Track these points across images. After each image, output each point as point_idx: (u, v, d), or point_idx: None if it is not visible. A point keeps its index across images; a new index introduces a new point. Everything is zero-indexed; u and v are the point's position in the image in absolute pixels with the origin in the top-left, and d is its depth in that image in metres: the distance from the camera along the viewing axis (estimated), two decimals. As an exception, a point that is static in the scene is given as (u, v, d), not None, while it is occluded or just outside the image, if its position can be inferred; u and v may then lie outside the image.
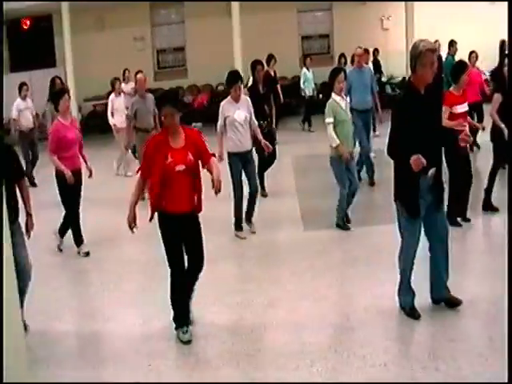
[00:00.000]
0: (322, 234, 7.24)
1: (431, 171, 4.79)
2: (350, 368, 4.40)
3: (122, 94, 11.70)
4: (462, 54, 9.57)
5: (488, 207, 7.59)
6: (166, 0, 18.17)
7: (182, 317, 5.02)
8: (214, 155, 5.11)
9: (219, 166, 5.11)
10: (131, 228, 4.95)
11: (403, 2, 16.93)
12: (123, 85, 13.27)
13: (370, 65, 11.94)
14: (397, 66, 15.01)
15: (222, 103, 7.33)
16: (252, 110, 7.37)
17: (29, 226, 5.26)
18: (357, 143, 9.05)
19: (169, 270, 4.91)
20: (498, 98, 7.28)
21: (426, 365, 4.36)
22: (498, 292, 5.04)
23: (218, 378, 4.43)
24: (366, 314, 5.18)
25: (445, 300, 5.17)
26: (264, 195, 8.90)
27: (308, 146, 12.66)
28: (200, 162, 4.93)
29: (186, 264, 4.97)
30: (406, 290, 5.13)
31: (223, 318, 5.30)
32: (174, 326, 5.02)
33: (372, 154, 9.65)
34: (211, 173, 4.92)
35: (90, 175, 7.25)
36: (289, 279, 6.05)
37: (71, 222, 7.08)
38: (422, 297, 5.17)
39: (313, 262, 6.43)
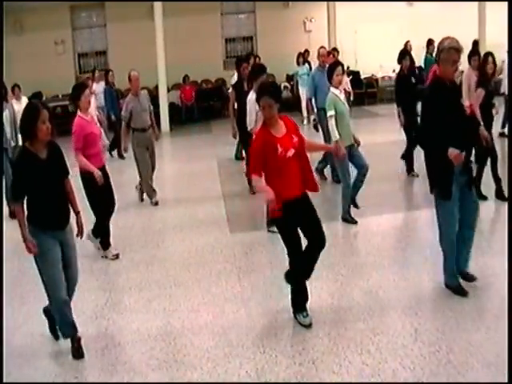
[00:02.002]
0: (247, 236, 7.24)
1: (463, 154, 5.03)
2: (278, 367, 4.40)
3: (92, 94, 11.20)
4: (388, 54, 9.81)
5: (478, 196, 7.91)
6: (86, 0, 17.74)
7: (304, 301, 5.06)
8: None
9: None
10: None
11: (325, 4, 17.25)
12: (94, 85, 13.09)
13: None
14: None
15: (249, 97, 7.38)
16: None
17: (79, 225, 4.88)
18: None
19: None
20: (480, 92, 7.66)
21: (352, 360, 4.42)
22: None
23: (145, 386, 4.34)
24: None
25: (463, 275, 5.47)
26: None
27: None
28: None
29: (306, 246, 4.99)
30: (450, 271, 5.36)
31: (150, 324, 5.20)
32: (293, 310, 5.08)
33: None
34: (317, 148, 5.61)
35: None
36: (215, 282, 6.01)
37: (104, 224, 6.78)
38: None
39: (238, 264, 6.42)
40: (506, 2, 18.13)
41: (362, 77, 18.94)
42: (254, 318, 5.20)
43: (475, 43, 15.17)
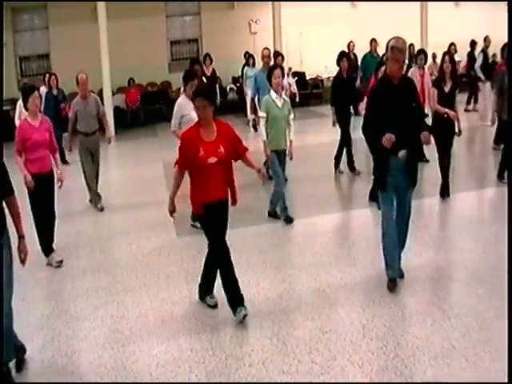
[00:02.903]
0: (194, 239, 7.19)
1: (402, 152, 5.20)
2: (228, 369, 4.39)
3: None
4: (333, 54, 9.91)
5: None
6: (28, 0, 17.31)
7: (212, 283, 5.39)
8: (247, 149, 5.24)
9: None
10: (172, 216, 5.20)
11: (270, 5, 17.31)
12: (42, 88, 12.79)
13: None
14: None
15: (179, 101, 7.36)
16: None
17: (21, 251, 4.45)
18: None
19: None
20: (433, 92, 8.12)
21: (302, 358, 4.44)
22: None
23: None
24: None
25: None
26: None
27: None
28: (233, 155, 5.10)
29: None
30: (386, 261, 5.53)
31: (98, 331, 5.10)
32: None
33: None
34: (249, 165, 5.24)
35: (60, 185, 6.75)
36: (163, 287, 5.95)
37: (39, 230, 6.62)
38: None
39: (186, 268, 6.37)
40: (448, 3, 18.72)
41: (308, 78, 19.10)
42: (203, 321, 5.17)
43: (411, 46, 15.51)
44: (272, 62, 10.72)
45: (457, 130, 8.21)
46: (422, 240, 6.70)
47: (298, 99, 15.55)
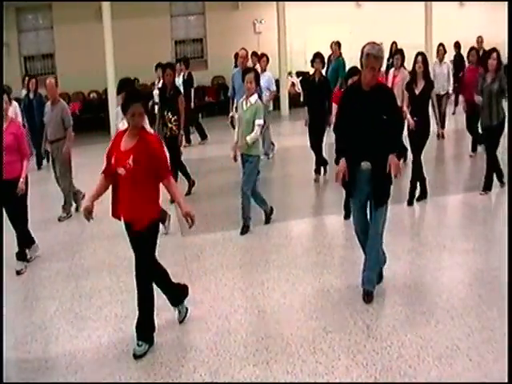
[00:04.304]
0: (199, 239, 7.20)
1: (364, 164, 5.02)
2: (233, 369, 4.39)
3: (13, 102, 10.65)
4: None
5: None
6: (33, 0, 17.36)
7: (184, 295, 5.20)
8: (170, 174, 4.71)
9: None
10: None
11: (275, 5, 17.30)
12: (23, 91, 12.78)
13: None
14: (270, 69, 15.24)
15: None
16: None
17: None
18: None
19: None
20: (405, 95, 8.11)
21: (306, 358, 4.44)
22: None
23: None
24: (244, 315, 5.21)
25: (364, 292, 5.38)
26: None
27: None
28: (151, 174, 4.55)
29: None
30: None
31: (101, 331, 5.11)
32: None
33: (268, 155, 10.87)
34: (171, 195, 4.81)
35: (21, 193, 6.46)
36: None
37: None
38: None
39: (190, 267, 6.38)
40: (452, 3, 18.67)
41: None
42: (207, 320, 5.17)
43: (393, 44, 15.38)
44: (250, 63, 10.73)
45: (438, 134, 8.12)
46: (425, 240, 6.70)
47: (302, 99, 15.53)
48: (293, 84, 18.50)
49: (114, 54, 15.48)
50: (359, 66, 5.24)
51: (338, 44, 13.70)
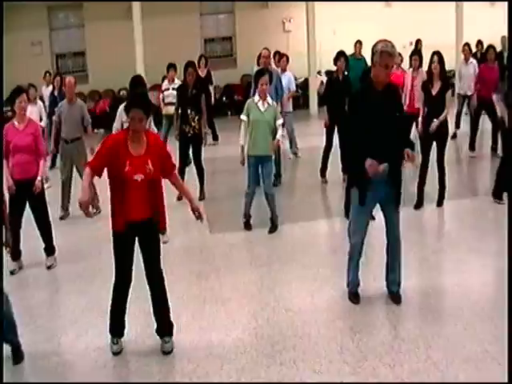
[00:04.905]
0: (227, 237, 7.24)
1: (383, 166, 4.88)
2: (259, 367, 4.41)
3: (38, 101, 10.71)
4: (367, 54, 9.83)
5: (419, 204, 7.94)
6: (64, 0, 17.61)
7: (119, 327, 4.83)
8: (175, 167, 4.84)
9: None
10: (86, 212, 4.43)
11: (304, 4, 17.27)
12: (43, 87, 12.79)
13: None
14: (299, 68, 15.27)
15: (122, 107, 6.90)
16: None
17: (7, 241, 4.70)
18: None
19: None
20: (420, 94, 7.94)
21: (333, 358, 4.43)
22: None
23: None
24: (272, 314, 5.22)
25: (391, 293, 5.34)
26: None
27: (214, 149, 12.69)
28: (162, 173, 4.66)
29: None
30: (352, 275, 5.33)
31: (129, 326, 5.13)
32: (110, 335, 4.83)
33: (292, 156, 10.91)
34: (181, 190, 5.00)
35: (36, 192, 6.50)
36: (194, 283, 6.00)
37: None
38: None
39: (217, 264, 6.42)
40: (483, 3, 18.41)
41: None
42: (235, 318, 5.19)
43: (417, 42, 15.21)
44: (272, 63, 10.63)
45: (454, 133, 8.04)
46: (452, 241, 6.65)
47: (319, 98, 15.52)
48: (322, 83, 18.42)
49: (143, 51, 15.63)
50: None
51: (360, 43, 13.62)
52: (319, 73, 18.34)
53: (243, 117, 7.20)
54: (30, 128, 6.53)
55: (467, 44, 12.63)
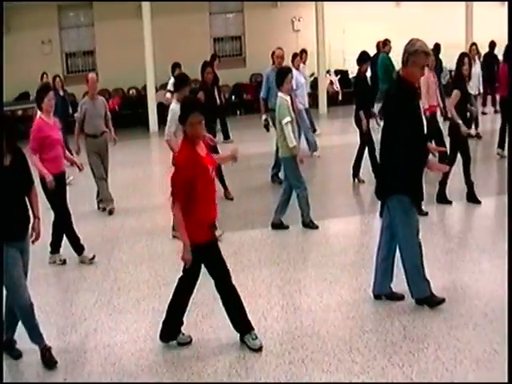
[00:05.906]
0: (237, 236, 7.24)
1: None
2: (268, 366, 4.41)
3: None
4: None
5: (442, 199, 7.92)
6: (74, 0, 17.69)
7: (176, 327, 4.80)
8: None
9: None
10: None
11: (313, 4, 17.26)
12: None
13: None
14: (308, 67, 15.25)
15: (174, 107, 6.84)
16: None
17: (36, 230, 4.73)
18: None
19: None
20: (457, 94, 7.64)
21: (342, 357, 4.43)
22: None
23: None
24: (281, 313, 5.23)
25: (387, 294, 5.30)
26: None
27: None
28: None
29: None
30: (422, 281, 5.07)
31: (139, 324, 5.19)
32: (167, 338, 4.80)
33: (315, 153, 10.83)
34: (224, 158, 5.37)
35: (80, 170, 6.96)
36: (203, 282, 5.94)
37: (64, 228, 6.60)
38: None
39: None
40: (494, 3, 18.32)
41: (351, 76, 18.98)
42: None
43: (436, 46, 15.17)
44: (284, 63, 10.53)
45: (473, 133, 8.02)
46: (464, 242, 6.62)
47: (340, 97, 15.50)
48: (331, 82, 18.42)
49: (153, 51, 15.67)
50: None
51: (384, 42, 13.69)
52: (328, 72, 18.35)
53: (288, 118, 7.01)
54: (57, 123, 6.62)
55: (474, 44, 12.60)
